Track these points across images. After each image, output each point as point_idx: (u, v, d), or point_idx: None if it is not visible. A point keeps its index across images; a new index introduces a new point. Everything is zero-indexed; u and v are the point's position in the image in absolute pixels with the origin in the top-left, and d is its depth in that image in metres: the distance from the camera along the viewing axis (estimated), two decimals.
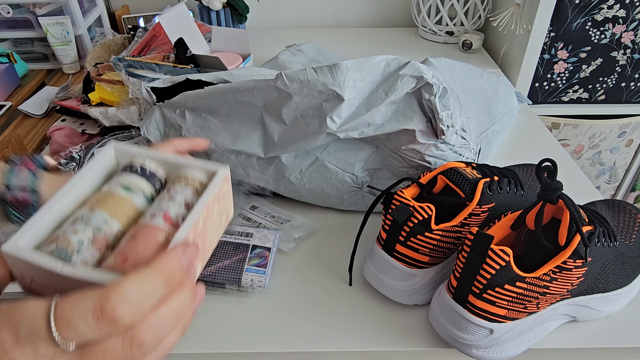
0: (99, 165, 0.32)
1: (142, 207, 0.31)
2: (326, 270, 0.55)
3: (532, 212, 0.43)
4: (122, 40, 1.00)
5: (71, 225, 0.27)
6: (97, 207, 0.29)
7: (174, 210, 0.29)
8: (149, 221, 0.28)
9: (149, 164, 0.33)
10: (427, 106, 0.54)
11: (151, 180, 0.32)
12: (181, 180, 0.32)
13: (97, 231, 0.27)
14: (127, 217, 0.29)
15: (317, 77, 0.53)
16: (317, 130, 0.55)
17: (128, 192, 0.30)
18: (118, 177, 0.31)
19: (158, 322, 0.23)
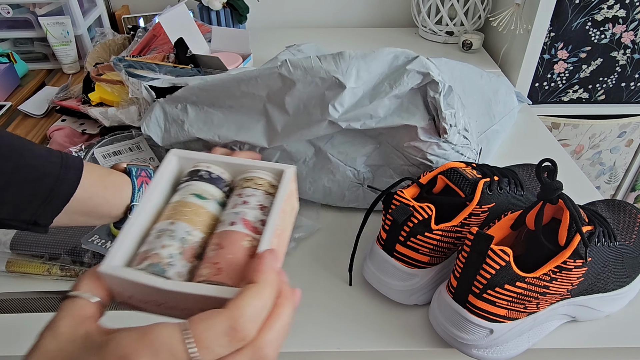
0: (165, 175, 0.32)
1: (217, 212, 0.31)
2: (326, 270, 0.55)
3: (532, 212, 0.43)
4: (122, 40, 1.00)
5: (157, 240, 0.28)
6: (177, 218, 0.29)
7: (251, 215, 0.30)
8: (230, 228, 0.29)
9: (214, 168, 0.33)
10: (431, 104, 0.54)
11: (219, 185, 0.32)
12: (250, 183, 0.32)
13: (183, 242, 0.28)
14: (205, 225, 0.30)
15: (321, 64, 0.53)
16: (319, 119, 0.55)
17: (201, 200, 0.31)
18: (186, 185, 0.32)
19: (276, 336, 0.25)
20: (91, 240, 0.52)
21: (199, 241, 0.29)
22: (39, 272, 0.53)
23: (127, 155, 0.69)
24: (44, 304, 0.50)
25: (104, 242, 0.52)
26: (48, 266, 0.53)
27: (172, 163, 0.33)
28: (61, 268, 0.53)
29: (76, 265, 0.53)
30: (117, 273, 0.26)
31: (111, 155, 0.69)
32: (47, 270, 0.53)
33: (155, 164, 0.69)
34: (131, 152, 0.70)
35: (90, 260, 0.52)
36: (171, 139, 0.63)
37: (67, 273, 0.53)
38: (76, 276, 0.53)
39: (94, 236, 0.53)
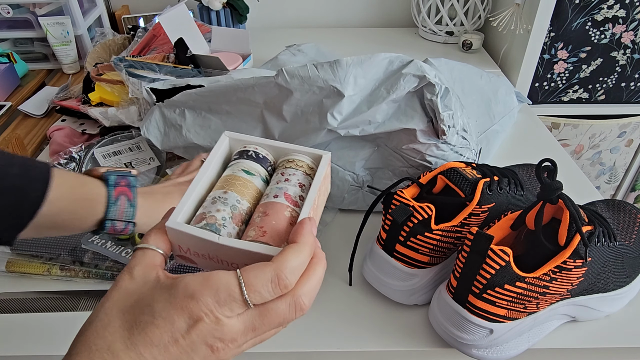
0: (219, 153, 0.37)
1: (261, 187, 0.36)
2: (326, 270, 0.55)
3: (532, 212, 0.43)
4: (122, 40, 1.00)
5: (212, 205, 0.33)
6: (229, 189, 0.34)
7: (292, 190, 0.35)
8: (274, 200, 0.34)
9: (260, 149, 0.37)
10: (429, 106, 0.54)
11: (264, 164, 0.37)
12: (292, 164, 0.36)
13: (233, 209, 0.33)
14: (251, 196, 0.35)
15: (318, 73, 0.53)
16: (317, 127, 0.55)
17: (249, 175, 0.36)
18: (236, 162, 0.37)
19: (311, 288, 0.30)
20: (91, 240, 0.52)
21: (246, 209, 0.34)
22: (39, 272, 0.53)
23: (127, 155, 0.69)
24: (44, 304, 0.50)
25: (104, 242, 0.52)
26: (48, 266, 0.53)
27: (225, 143, 0.38)
28: (61, 268, 0.53)
29: (76, 265, 0.53)
30: (181, 228, 0.31)
31: (111, 155, 0.69)
32: (47, 270, 0.53)
33: (155, 164, 0.69)
34: (131, 152, 0.70)
35: (90, 260, 0.52)
36: (170, 142, 0.63)
37: (67, 273, 0.53)
38: (76, 276, 0.53)
39: (94, 236, 0.53)
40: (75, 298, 0.51)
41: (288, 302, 0.29)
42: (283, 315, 0.29)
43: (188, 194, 0.34)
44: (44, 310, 0.50)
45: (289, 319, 0.29)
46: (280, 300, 0.29)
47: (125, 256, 0.51)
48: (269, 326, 0.29)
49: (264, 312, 0.28)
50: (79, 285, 0.53)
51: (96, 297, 0.51)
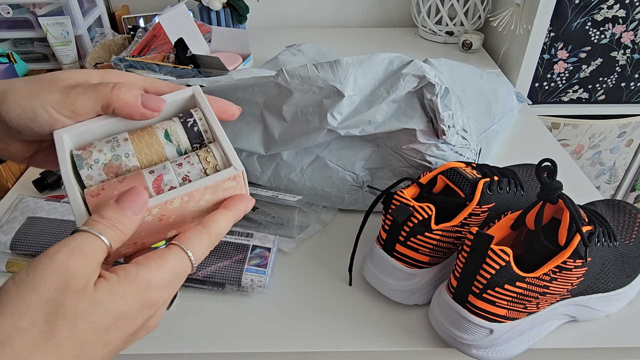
0: (175, 100, 0.35)
1: (170, 156, 0.33)
2: (326, 270, 0.55)
3: (532, 212, 0.43)
4: (122, 40, 1.00)
5: (103, 143, 0.32)
6: (131, 139, 0.32)
7: (169, 177, 0.32)
8: (142, 173, 0.31)
9: (201, 124, 0.34)
10: (429, 106, 0.54)
11: (193, 139, 0.34)
12: (202, 154, 0.33)
13: (115, 159, 0.32)
14: (149, 160, 0.33)
15: (318, 73, 0.53)
16: (317, 127, 0.55)
17: (166, 139, 0.33)
18: (170, 121, 0.34)
19: (223, 232, 0.32)
20: None
21: (130, 167, 0.32)
22: None
23: None
24: None
25: None
26: None
27: (187, 94, 0.35)
28: None
29: None
30: (56, 139, 0.31)
31: None
32: None
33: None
34: None
35: None
36: None
37: None
38: None
39: None
40: None
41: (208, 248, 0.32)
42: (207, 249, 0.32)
43: (99, 119, 0.32)
44: None
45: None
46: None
47: None
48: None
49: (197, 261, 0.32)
50: None
51: None
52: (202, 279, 0.51)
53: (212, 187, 0.32)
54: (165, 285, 0.28)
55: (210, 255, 0.53)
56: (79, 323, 0.24)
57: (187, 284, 0.52)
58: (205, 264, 0.52)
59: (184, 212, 0.32)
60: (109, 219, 0.28)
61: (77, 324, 0.24)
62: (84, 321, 0.25)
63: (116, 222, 0.28)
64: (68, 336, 0.24)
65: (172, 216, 0.32)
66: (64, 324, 0.24)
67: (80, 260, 0.25)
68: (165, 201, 0.30)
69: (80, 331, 0.24)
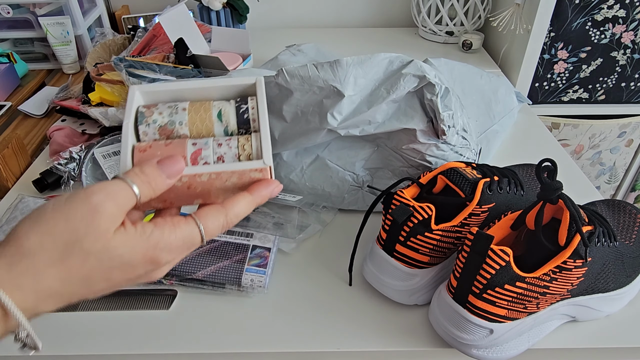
0: (239, 84, 0.38)
1: (217, 134, 0.37)
2: (326, 270, 0.55)
3: (532, 212, 0.43)
4: (122, 40, 1.00)
5: (165, 105, 0.36)
6: (189, 110, 0.36)
7: (207, 153, 0.35)
8: (187, 142, 0.35)
9: (252, 112, 0.37)
10: (429, 106, 0.54)
11: (240, 124, 0.37)
12: (242, 141, 0.36)
13: (170, 124, 0.36)
14: (198, 132, 0.36)
15: (318, 73, 0.53)
16: (317, 127, 0.55)
17: (217, 118, 0.37)
18: (228, 102, 0.37)
19: (241, 214, 0.35)
20: None
21: (181, 133, 0.36)
22: None
23: None
24: None
25: None
26: None
27: (251, 81, 0.38)
28: None
29: None
30: (132, 87, 0.36)
31: (111, 155, 0.69)
32: None
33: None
34: None
35: None
36: None
37: None
38: None
39: None
40: None
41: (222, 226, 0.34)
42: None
43: (174, 83, 0.37)
44: None
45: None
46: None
47: None
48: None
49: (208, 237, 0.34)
50: None
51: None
52: (202, 279, 0.51)
53: (239, 173, 0.35)
54: (171, 249, 0.32)
55: (210, 255, 0.53)
56: (90, 258, 0.29)
57: (187, 284, 0.52)
58: (205, 264, 0.52)
59: (210, 187, 0.35)
60: (147, 175, 0.32)
61: (88, 259, 0.29)
62: (94, 258, 0.29)
63: (151, 180, 0.32)
64: (78, 265, 0.29)
65: (199, 188, 0.35)
66: (78, 254, 0.28)
67: (110, 205, 0.29)
68: (195, 173, 0.34)
69: (89, 265, 0.29)
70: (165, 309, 0.50)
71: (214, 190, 0.36)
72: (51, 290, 0.29)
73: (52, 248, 0.28)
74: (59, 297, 0.29)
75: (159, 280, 0.51)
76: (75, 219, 0.29)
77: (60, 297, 0.30)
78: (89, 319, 0.49)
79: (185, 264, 0.52)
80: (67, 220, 0.29)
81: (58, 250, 0.28)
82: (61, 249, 0.28)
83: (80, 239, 0.28)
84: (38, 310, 0.29)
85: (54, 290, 0.29)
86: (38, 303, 0.29)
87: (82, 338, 0.47)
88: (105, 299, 0.51)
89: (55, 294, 0.29)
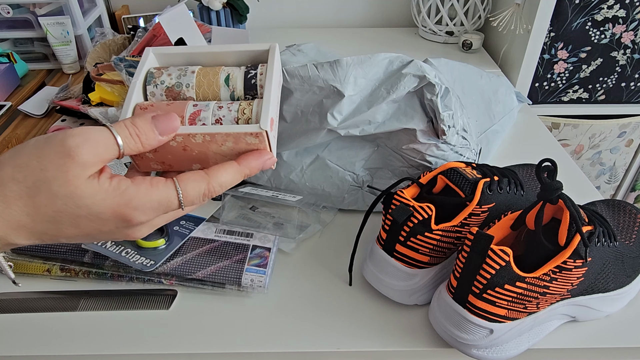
0: (252, 50, 0.38)
1: (223, 99, 0.36)
2: (326, 270, 0.55)
3: (532, 212, 0.43)
4: (122, 40, 1.00)
5: (175, 70, 0.36)
6: (198, 73, 0.36)
7: (205, 115, 0.35)
8: (189, 103, 0.35)
9: (260, 79, 0.37)
10: (429, 106, 0.54)
11: (247, 89, 0.37)
12: (244, 105, 0.35)
13: (177, 86, 0.36)
14: (204, 95, 0.36)
15: (318, 73, 0.53)
16: (317, 127, 0.55)
17: (224, 82, 0.37)
18: (237, 68, 0.37)
19: (226, 184, 0.34)
20: None
21: (187, 96, 0.36)
22: (39, 272, 0.53)
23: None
24: (44, 304, 0.50)
25: (103, 242, 0.52)
26: (48, 266, 0.53)
27: (264, 48, 0.38)
28: (61, 268, 0.53)
29: (76, 265, 0.53)
30: (143, 59, 0.37)
31: None
32: (47, 270, 0.53)
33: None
34: None
35: (90, 260, 0.52)
36: None
37: (67, 273, 0.53)
38: (76, 276, 0.53)
39: None
40: (75, 298, 0.51)
41: (203, 193, 0.33)
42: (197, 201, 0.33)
43: (189, 47, 0.38)
44: (44, 310, 0.50)
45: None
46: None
47: (125, 256, 0.51)
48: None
49: (187, 206, 0.33)
50: (79, 285, 0.53)
51: (96, 297, 0.51)
52: (202, 279, 0.51)
53: (234, 137, 0.34)
54: (144, 209, 0.31)
55: (210, 255, 0.53)
56: (56, 201, 0.29)
57: (187, 284, 0.52)
58: (205, 264, 0.52)
59: (206, 151, 0.34)
60: (138, 128, 0.31)
61: (55, 200, 0.29)
62: (60, 202, 0.29)
63: (141, 134, 0.31)
64: (44, 204, 0.29)
65: (195, 150, 0.34)
66: (45, 194, 0.29)
67: (86, 152, 0.29)
68: (188, 133, 0.33)
69: (55, 207, 0.29)
70: (165, 309, 0.50)
71: (211, 155, 0.35)
72: (20, 222, 0.29)
73: (22, 182, 0.28)
74: (28, 231, 0.30)
75: (158, 280, 0.51)
76: (47, 158, 0.29)
77: (30, 232, 0.30)
78: (89, 319, 0.49)
79: (185, 264, 0.52)
80: (40, 158, 0.29)
81: (27, 186, 0.28)
82: (30, 185, 0.28)
83: (48, 180, 0.28)
84: (9, 240, 0.29)
85: (23, 223, 0.29)
86: (8, 231, 0.29)
87: (82, 338, 0.47)
88: (105, 299, 0.51)
89: (24, 228, 0.29)
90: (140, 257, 0.51)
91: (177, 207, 0.32)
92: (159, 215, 0.32)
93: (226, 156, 0.35)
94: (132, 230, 0.33)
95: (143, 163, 0.35)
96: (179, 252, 0.53)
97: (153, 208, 0.31)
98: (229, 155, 0.35)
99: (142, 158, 0.36)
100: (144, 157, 0.35)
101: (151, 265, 0.50)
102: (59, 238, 0.31)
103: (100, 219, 0.30)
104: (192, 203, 0.33)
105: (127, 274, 0.52)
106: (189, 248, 0.53)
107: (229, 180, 0.34)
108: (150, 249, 0.52)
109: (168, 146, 0.33)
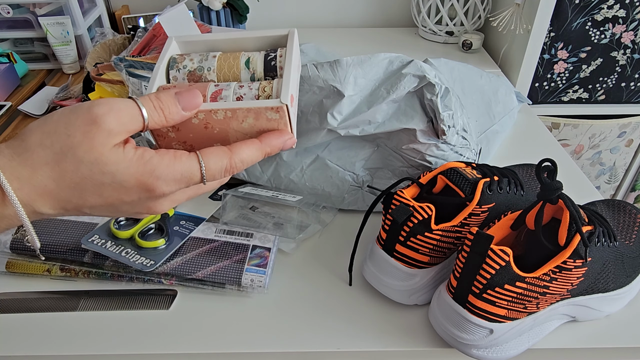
0: (272, 35, 0.39)
1: (244, 81, 0.37)
2: (326, 270, 0.55)
3: (532, 212, 0.43)
4: (122, 40, 1.00)
5: (197, 55, 0.37)
6: (219, 58, 0.37)
7: (227, 93, 0.35)
8: (210, 84, 0.36)
9: (279, 60, 0.38)
10: (429, 106, 0.54)
11: (267, 71, 0.38)
12: (265, 84, 0.36)
13: (199, 70, 0.37)
14: (225, 78, 0.37)
15: (318, 73, 0.53)
16: (317, 127, 0.55)
17: (245, 65, 0.38)
18: (257, 52, 0.38)
19: (248, 161, 0.35)
20: (91, 240, 0.52)
21: (208, 79, 0.37)
22: (39, 272, 0.53)
23: None
24: (44, 304, 0.50)
25: (103, 242, 0.52)
26: (48, 266, 0.53)
27: (283, 33, 0.40)
28: (61, 268, 0.53)
29: (76, 265, 0.53)
30: (166, 46, 0.38)
31: None
32: (47, 270, 0.53)
33: None
34: None
35: (90, 260, 0.52)
36: None
37: (67, 273, 0.53)
38: (76, 276, 0.53)
39: (94, 236, 0.53)
40: (75, 298, 0.51)
41: (225, 168, 0.34)
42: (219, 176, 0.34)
43: (212, 36, 0.39)
44: (44, 310, 0.50)
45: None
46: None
47: (125, 256, 0.51)
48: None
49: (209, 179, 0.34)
50: (79, 285, 0.53)
51: (96, 297, 0.51)
52: (202, 279, 0.51)
53: (255, 112, 0.34)
54: (167, 180, 0.32)
55: (210, 255, 0.53)
56: (82, 167, 0.30)
57: (187, 284, 0.52)
58: (205, 264, 0.52)
59: (227, 128, 0.35)
60: (162, 101, 0.32)
61: (80, 167, 0.30)
62: (86, 168, 0.30)
63: (165, 107, 0.32)
64: (70, 170, 0.30)
65: (217, 128, 0.35)
66: (71, 160, 0.29)
67: (111, 120, 0.30)
68: (210, 109, 0.34)
69: (80, 173, 0.30)
70: (165, 309, 0.50)
71: (232, 133, 0.35)
72: (45, 189, 0.30)
73: (49, 148, 0.29)
74: (53, 198, 0.30)
75: (158, 280, 0.51)
76: (74, 126, 0.30)
77: (54, 200, 0.30)
78: (89, 319, 0.49)
79: (185, 264, 0.52)
80: (67, 125, 0.30)
81: (54, 152, 0.29)
82: (57, 151, 0.29)
83: (75, 146, 0.29)
84: (34, 206, 0.30)
85: (48, 189, 0.30)
86: (34, 197, 0.30)
87: (82, 338, 0.47)
88: (105, 299, 0.51)
89: (50, 195, 0.30)
90: (140, 257, 0.51)
91: (199, 181, 0.33)
92: (181, 189, 0.33)
93: (247, 134, 0.36)
94: (154, 203, 0.33)
95: (165, 143, 0.36)
96: (179, 252, 0.53)
97: (176, 179, 0.32)
98: (250, 134, 0.36)
99: (164, 138, 0.36)
100: (166, 136, 0.36)
101: (151, 265, 0.50)
102: (83, 208, 0.31)
103: (123, 187, 0.31)
104: (214, 177, 0.33)
105: (127, 274, 0.52)
106: (189, 248, 0.53)
107: (251, 157, 0.34)
108: (150, 249, 0.52)
109: (190, 124, 0.34)
